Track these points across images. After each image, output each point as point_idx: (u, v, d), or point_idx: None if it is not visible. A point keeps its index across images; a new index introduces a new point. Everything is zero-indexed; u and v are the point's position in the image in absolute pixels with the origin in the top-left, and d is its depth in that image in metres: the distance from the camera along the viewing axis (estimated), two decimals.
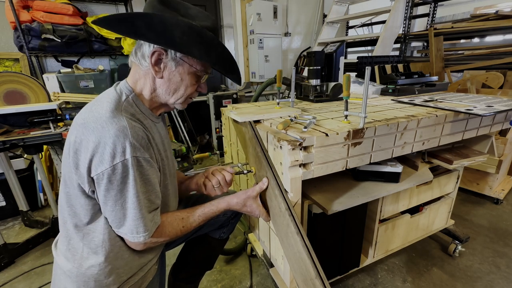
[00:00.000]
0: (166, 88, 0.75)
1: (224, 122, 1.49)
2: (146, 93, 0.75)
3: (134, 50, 0.74)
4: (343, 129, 0.85)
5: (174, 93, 0.76)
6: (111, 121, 0.63)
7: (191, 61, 0.73)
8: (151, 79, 0.74)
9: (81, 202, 0.68)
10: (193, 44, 0.68)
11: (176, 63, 0.72)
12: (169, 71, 0.73)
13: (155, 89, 0.75)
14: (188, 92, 0.77)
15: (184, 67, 0.73)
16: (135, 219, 0.67)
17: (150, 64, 0.70)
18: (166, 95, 0.76)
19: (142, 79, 0.75)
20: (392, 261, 1.55)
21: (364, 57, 2.44)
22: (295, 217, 0.80)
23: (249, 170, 1.03)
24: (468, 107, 1.06)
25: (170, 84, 0.74)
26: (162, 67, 0.72)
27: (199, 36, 0.68)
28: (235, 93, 3.19)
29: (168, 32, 0.65)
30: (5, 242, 1.60)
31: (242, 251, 1.66)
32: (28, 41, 2.31)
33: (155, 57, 0.70)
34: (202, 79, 0.79)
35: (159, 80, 0.74)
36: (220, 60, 0.75)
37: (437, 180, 1.35)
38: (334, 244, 1.19)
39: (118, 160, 0.62)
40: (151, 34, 0.65)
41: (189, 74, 0.74)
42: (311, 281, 0.73)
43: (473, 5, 4.07)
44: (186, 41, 0.67)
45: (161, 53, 0.70)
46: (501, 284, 1.39)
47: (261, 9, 3.39)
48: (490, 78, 2.41)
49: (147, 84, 0.74)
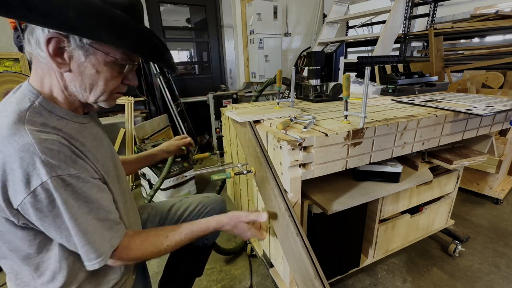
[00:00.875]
0: (80, 84, 0.59)
1: (224, 122, 1.49)
2: (58, 92, 0.59)
3: (26, 35, 0.55)
4: (343, 129, 0.85)
5: (92, 89, 0.60)
6: (11, 141, 0.50)
7: (105, 48, 0.57)
8: (57, 74, 0.58)
9: (18, 235, 0.56)
10: (98, 27, 0.52)
11: (86, 52, 0.56)
12: (77, 62, 0.56)
13: (66, 87, 0.59)
14: (110, 86, 0.61)
15: (98, 56, 0.57)
16: (82, 245, 0.56)
17: (47, 54, 0.54)
18: (82, 93, 0.60)
19: (47, 75, 0.58)
20: (392, 261, 1.55)
21: (364, 57, 2.44)
22: (294, 218, 0.80)
23: (249, 170, 1.03)
24: (468, 107, 1.06)
25: (83, 78, 0.58)
26: (66, 57, 0.55)
27: (103, 16, 0.52)
28: (235, 93, 3.19)
29: (56, 12, 0.48)
30: None
31: (242, 251, 1.66)
32: None
33: (53, 46, 0.53)
34: (126, 70, 0.63)
35: (67, 74, 0.58)
36: (141, 43, 0.58)
37: (437, 180, 1.35)
38: (334, 244, 1.19)
39: (35, 184, 0.50)
40: (34, 14, 0.47)
41: (106, 64, 0.58)
42: (311, 281, 0.73)
43: (473, 5, 4.07)
44: (87, 23, 0.51)
45: (60, 39, 0.53)
46: (501, 284, 1.39)
47: (261, 9, 3.39)
48: (490, 78, 2.41)
49: (55, 81, 0.58)
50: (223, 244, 1.71)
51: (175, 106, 3.02)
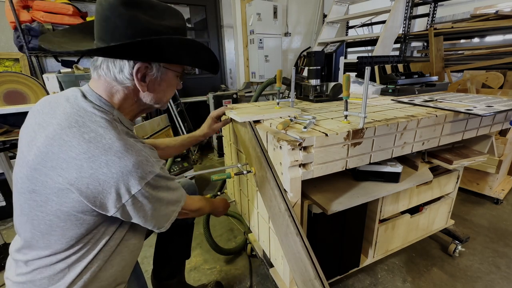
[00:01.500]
0: (152, 98, 0.72)
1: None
2: (127, 106, 0.71)
3: (100, 63, 0.65)
4: (343, 129, 0.85)
5: (161, 100, 0.75)
6: (127, 149, 0.60)
7: (174, 67, 0.71)
8: (133, 92, 0.69)
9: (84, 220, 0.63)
10: (183, 55, 0.67)
11: (161, 73, 0.69)
12: (154, 82, 0.69)
13: (137, 100, 0.71)
14: (170, 95, 0.77)
15: (168, 74, 0.71)
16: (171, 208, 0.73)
17: (136, 81, 0.65)
18: (152, 103, 0.74)
19: (120, 92, 0.68)
20: (392, 261, 1.55)
21: (364, 57, 2.44)
22: (294, 218, 0.80)
23: (249, 171, 1.03)
24: (468, 107, 1.06)
25: (155, 94, 0.72)
26: (147, 80, 0.68)
27: (187, 45, 0.67)
28: (235, 93, 3.19)
29: (160, 52, 0.64)
30: (5, 242, 1.60)
31: (242, 251, 1.66)
32: (28, 41, 2.31)
33: (141, 74, 0.65)
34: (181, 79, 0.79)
35: (143, 92, 0.70)
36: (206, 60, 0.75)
37: (437, 180, 1.35)
38: (334, 244, 1.19)
39: (149, 177, 0.62)
40: (147, 56, 0.64)
41: (172, 80, 0.74)
42: (311, 282, 0.73)
43: (473, 5, 4.07)
44: (178, 55, 0.67)
45: (146, 67, 0.66)
46: (501, 284, 1.39)
47: (261, 9, 3.39)
48: (490, 78, 2.41)
49: (129, 98, 0.70)
50: (223, 244, 1.71)
51: (175, 106, 3.02)
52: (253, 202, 1.27)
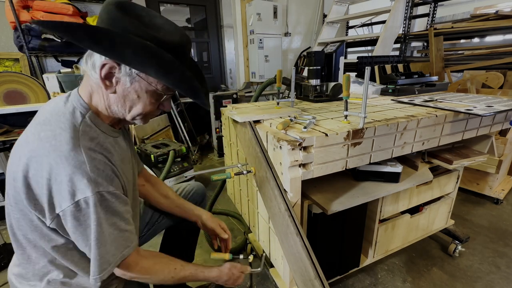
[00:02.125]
0: (121, 104, 0.66)
1: (224, 122, 1.49)
2: (102, 108, 0.67)
3: (85, 57, 0.64)
4: (343, 129, 0.85)
5: (130, 110, 0.68)
6: (67, 156, 0.57)
7: (149, 79, 0.64)
8: (103, 93, 0.65)
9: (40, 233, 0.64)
10: (147, 65, 0.59)
11: (132, 79, 0.63)
12: (122, 86, 0.64)
13: (109, 106, 0.67)
14: (147, 110, 0.69)
15: (141, 84, 0.64)
16: (95, 257, 0.63)
17: (99, 77, 0.61)
18: (122, 111, 0.68)
19: (95, 92, 0.66)
20: (392, 261, 1.55)
21: (364, 57, 2.44)
22: (294, 218, 0.80)
23: (249, 170, 1.03)
24: (468, 107, 1.06)
25: (125, 101, 0.66)
26: (114, 81, 0.63)
27: (155, 57, 0.59)
28: (235, 93, 3.19)
29: (117, 49, 0.57)
30: (5, 242, 1.60)
31: (242, 251, 1.65)
32: (28, 41, 2.31)
33: (105, 70, 0.61)
34: (163, 99, 0.70)
35: (112, 95, 0.65)
36: (182, 83, 0.65)
37: (437, 180, 1.35)
38: (334, 244, 1.19)
39: (80, 197, 0.58)
40: (98, 48, 0.57)
41: (147, 92, 0.66)
42: (311, 282, 0.73)
43: (473, 5, 4.07)
44: (139, 60, 0.59)
45: (113, 66, 0.61)
46: (501, 284, 1.39)
47: (261, 9, 3.39)
48: (490, 78, 2.41)
49: (101, 99, 0.66)
50: None
51: (175, 106, 3.02)
52: (253, 202, 1.27)
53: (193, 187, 1.19)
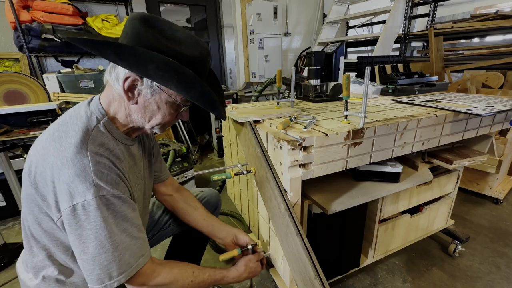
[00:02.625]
0: (142, 115, 0.69)
1: (224, 122, 1.49)
2: (121, 116, 0.70)
3: (109, 68, 0.67)
4: (343, 129, 0.85)
5: (150, 120, 0.70)
6: (73, 159, 0.59)
7: (170, 91, 0.67)
8: (125, 103, 0.68)
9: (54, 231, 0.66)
10: (169, 80, 0.62)
11: (153, 91, 0.66)
12: (144, 98, 0.66)
13: (130, 114, 0.70)
14: (166, 120, 0.71)
15: (162, 96, 0.67)
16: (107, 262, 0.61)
17: (122, 88, 0.64)
18: (142, 121, 0.70)
19: (116, 101, 0.69)
20: (392, 261, 1.55)
21: (364, 57, 2.44)
22: (294, 218, 0.80)
23: (249, 170, 1.03)
24: (468, 107, 1.06)
25: (145, 111, 0.69)
26: (136, 93, 0.66)
27: (176, 73, 0.61)
28: (235, 93, 3.19)
29: (141, 64, 0.60)
30: (5, 242, 1.60)
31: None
32: (28, 41, 2.31)
33: (128, 83, 0.63)
34: (182, 110, 0.73)
35: (133, 106, 0.68)
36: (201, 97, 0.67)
37: (437, 180, 1.35)
38: (334, 244, 1.19)
39: (78, 200, 0.58)
40: (122, 63, 0.60)
41: (167, 103, 0.68)
42: (311, 282, 0.74)
43: (473, 5, 4.07)
44: (161, 75, 0.61)
45: (136, 79, 0.64)
46: (501, 284, 1.39)
47: (261, 9, 3.39)
48: (490, 78, 2.41)
49: (122, 108, 0.69)
50: None
51: None
52: (253, 202, 1.27)
53: (206, 195, 1.14)
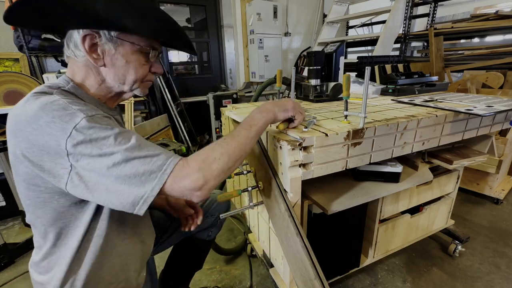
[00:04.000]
0: (114, 75, 0.65)
1: (224, 122, 1.49)
2: (92, 85, 0.66)
3: (66, 42, 0.63)
4: (343, 129, 0.85)
5: (125, 79, 0.67)
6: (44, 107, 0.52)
7: (130, 38, 0.63)
8: (94, 69, 0.64)
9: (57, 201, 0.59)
10: (122, 15, 0.58)
11: (115, 44, 0.62)
12: (109, 55, 0.63)
13: (103, 80, 0.66)
14: (140, 74, 0.68)
15: (125, 46, 0.63)
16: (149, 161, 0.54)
17: (85, 52, 0.61)
18: (118, 83, 0.67)
19: (81, 71, 0.65)
20: (392, 261, 1.55)
21: (364, 57, 2.44)
22: (294, 218, 0.80)
23: (249, 171, 1.03)
24: (468, 107, 1.06)
25: (116, 70, 0.65)
26: (100, 52, 0.62)
27: (126, 1, 0.58)
28: (235, 93, 3.19)
29: (88, 6, 0.55)
30: (5, 242, 1.60)
31: (242, 251, 1.65)
32: (28, 41, 2.31)
33: (88, 43, 0.60)
34: (151, 57, 0.68)
35: (103, 68, 0.64)
36: (160, 25, 0.64)
37: (437, 180, 1.35)
38: (334, 244, 1.19)
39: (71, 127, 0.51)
40: (70, 14, 0.56)
41: (133, 54, 0.65)
42: (311, 282, 0.73)
43: (473, 5, 4.07)
44: (112, 12, 0.57)
45: (93, 36, 0.60)
46: (501, 284, 1.39)
47: (261, 9, 3.39)
48: (490, 78, 2.41)
49: (91, 76, 0.65)
50: (223, 244, 1.71)
51: (175, 106, 3.02)
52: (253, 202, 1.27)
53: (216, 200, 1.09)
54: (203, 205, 1.07)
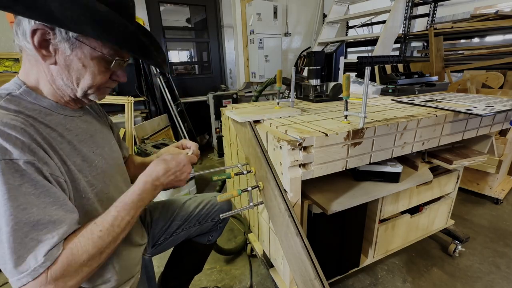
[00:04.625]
0: (66, 77, 0.58)
1: (224, 122, 1.49)
2: (45, 84, 0.59)
3: (14, 28, 0.56)
4: (343, 129, 0.85)
5: (79, 83, 0.59)
6: None
7: (92, 43, 0.56)
8: (44, 66, 0.57)
9: None
10: (82, 20, 0.50)
11: (71, 45, 0.54)
12: (63, 55, 0.55)
13: (53, 80, 0.58)
14: (97, 81, 0.60)
15: (84, 50, 0.56)
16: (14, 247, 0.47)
17: (33, 46, 0.53)
18: (70, 86, 0.59)
19: (34, 67, 0.58)
20: (392, 261, 1.55)
21: (364, 57, 2.44)
22: (294, 218, 0.80)
23: (249, 171, 1.03)
24: (468, 107, 1.06)
25: (69, 71, 0.57)
26: (52, 50, 0.55)
27: (88, 9, 0.50)
28: (235, 93, 3.19)
29: (41, 4, 0.48)
30: None
31: (242, 251, 1.66)
32: None
33: (38, 38, 0.53)
34: (113, 66, 0.60)
35: (53, 67, 0.57)
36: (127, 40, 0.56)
37: (437, 180, 1.35)
38: (334, 244, 1.19)
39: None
40: (18, 6, 0.47)
41: (93, 59, 0.57)
42: (311, 282, 0.73)
43: (473, 5, 4.08)
44: (70, 16, 0.49)
45: (46, 31, 0.53)
46: (501, 284, 1.39)
47: (261, 9, 3.39)
48: (490, 78, 2.41)
49: (42, 74, 0.58)
50: (223, 244, 1.71)
51: (175, 106, 3.02)
52: (253, 202, 1.27)
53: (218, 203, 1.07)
54: (204, 208, 1.05)
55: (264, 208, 1.09)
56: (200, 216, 1.04)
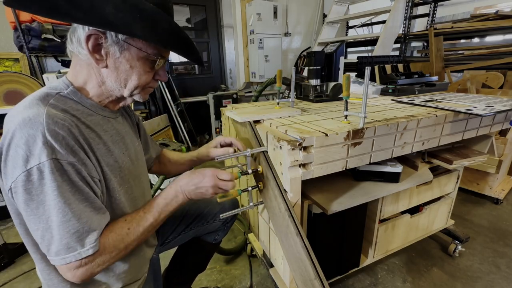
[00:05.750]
0: (115, 78, 0.63)
1: (224, 122, 1.49)
2: (93, 86, 0.64)
3: (69, 36, 0.61)
4: (343, 129, 0.85)
5: (126, 83, 0.65)
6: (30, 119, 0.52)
7: (138, 44, 0.61)
8: (95, 70, 0.62)
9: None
10: (132, 21, 0.55)
11: (121, 48, 0.60)
12: (113, 58, 0.61)
13: (103, 82, 0.64)
14: (142, 81, 0.65)
15: (132, 52, 0.61)
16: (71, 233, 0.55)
17: (87, 51, 0.59)
18: (118, 87, 0.65)
19: (84, 70, 0.63)
20: (392, 261, 1.55)
21: (364, 57, 2.44)
22: (294, 218, 0.80)
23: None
24: (468, 107, 1.06)
25: (118, 73, 0.63)
26: (103, 54, 0.60)
27: (137, 10, 0.55)
28: (235, 93, 3.19)
29: (97, 8, 0.53)
30: (5, 242, 1.60)
31: (242, 251, 1.66)
32: (28, 41, 2.31)
33: (92, 42, 0.58)
34: (157, 65, 0.66)
35: (104, 70, 0.62)
36: (171, 37, 0.62)
37: (437, 180, 1.35)
38: (334, 244, 1.19)
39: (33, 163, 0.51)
40: (77, 13, 0.52)
41: (139, 60, 0.63)
42: (311, 282, 0.73)
43: (473, 5, 4.07)
44: (122, 18, 0.54)
45: (98, 36, 0.58)
46: (501, 284, 1.38)
47: (261, 9, 3.39)
48: (490, 78, 2.41)
49: (92, 76, 0.63)
50: (223, 244, 1.71)
51: (175, 106, 3.02)
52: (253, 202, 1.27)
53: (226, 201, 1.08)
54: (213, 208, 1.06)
55: (264, 208, 1.08)
56: (209, 215, 1.05)
